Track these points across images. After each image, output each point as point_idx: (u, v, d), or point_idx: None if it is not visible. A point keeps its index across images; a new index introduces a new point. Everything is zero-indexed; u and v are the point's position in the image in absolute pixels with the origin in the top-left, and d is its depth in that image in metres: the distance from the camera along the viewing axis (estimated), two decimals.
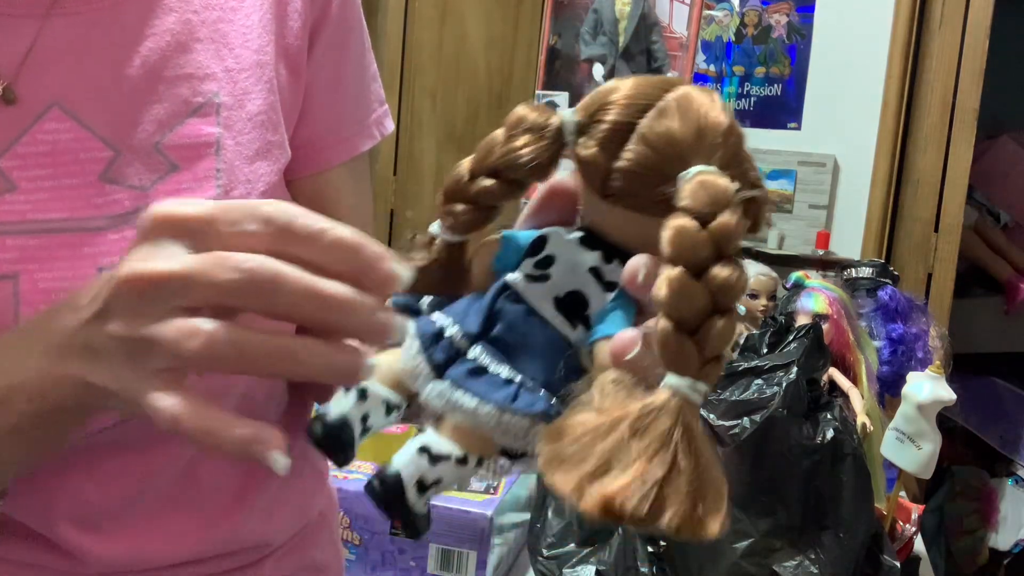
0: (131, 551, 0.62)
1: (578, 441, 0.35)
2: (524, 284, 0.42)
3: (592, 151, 0.40)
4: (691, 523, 0.34)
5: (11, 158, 0.56)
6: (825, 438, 1.06)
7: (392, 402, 0.43)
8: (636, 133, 0.39)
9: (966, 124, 1.89)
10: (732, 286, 0.36)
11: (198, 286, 0.38)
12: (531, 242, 0.43)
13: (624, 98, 0.40)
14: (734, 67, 2.17)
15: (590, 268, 0.42)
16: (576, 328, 0.41)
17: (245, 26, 0.64)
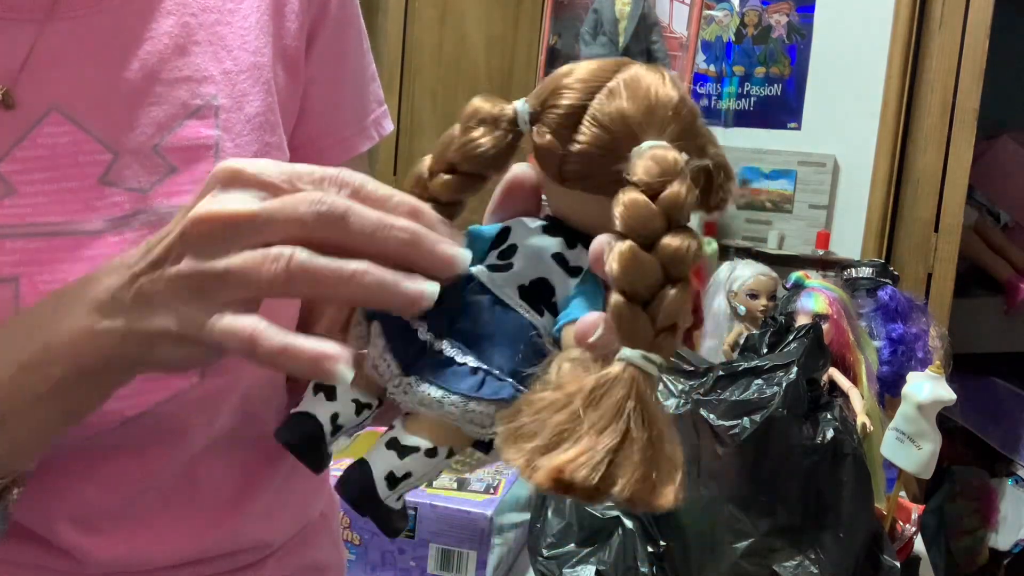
0: (131, 552, 0.62)
1: (533, 416, 0.36)
2: (488, 274, 0.42)
3: (547, 137, 0.41)
4: (643, 492, 0.34)
5: (11, 162, 0.56)
6: (825, 438, 1.06)
7: (361, 400, 0.43)
8: (587, 115, 0.40)
9: (966, 124, 1.89)
10: (683, 255, 0.36)
11: (278, 222, 0.40)
12: (495, 234, 0.43)
13: (576, 82, 0.41)
14: (734, 67, 2.17)
15: (553, 255, 0.42)
16: (543, 315, 0.42)
17: (243, 28, 0.64)
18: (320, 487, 0.78)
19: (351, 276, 0.40)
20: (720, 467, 1.04)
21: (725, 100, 2.18)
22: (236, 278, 0.40)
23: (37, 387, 0.47)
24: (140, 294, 0.43)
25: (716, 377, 1.08)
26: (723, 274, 1.56)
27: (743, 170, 2.13)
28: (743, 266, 1.57)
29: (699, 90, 2.18)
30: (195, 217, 0.42)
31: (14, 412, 0.48)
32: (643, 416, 0.35)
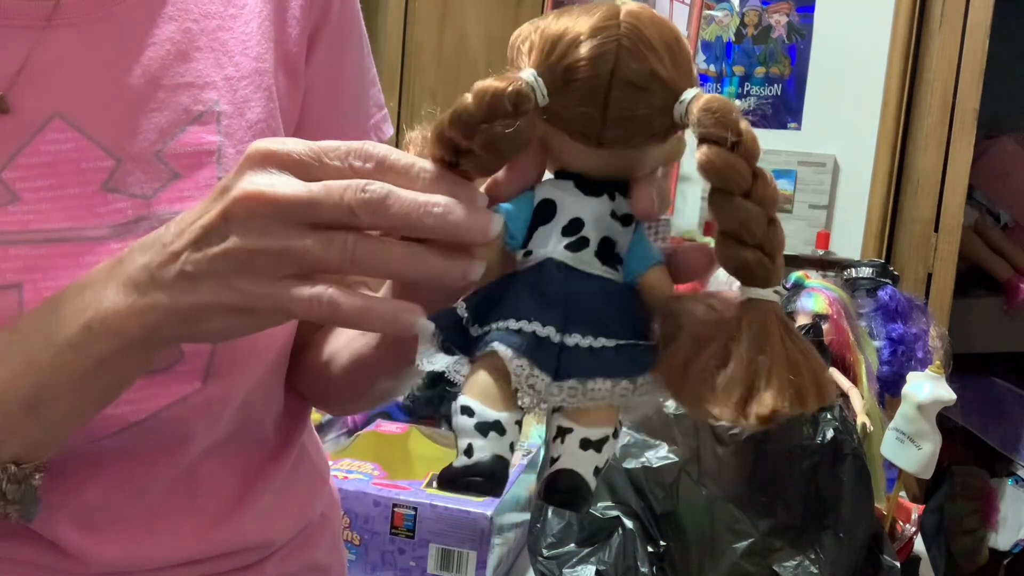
0: (132, 552, 0.63)
1: (705, 370, 0.40)
2: (570, 255, 0.43)
3: (580, 109, 0.41)
4: (823, 398, 0.39)
5: (13, 169, 0.56)
6: (825, 438, 1.06)
7: (519, 419, 0.43)
8: (617, 80, 0.40)
9: (966, 124, 1.89)
10: (775, 194, 0.40)
11: (324, 207, 0.42)
12: (535, 208, 0.44)
13: (588, 52, 0.41)
14: (734, 67, 2.17)
15: (609, 213, 0.43)
16: (617, 270, 0.43)
17: (244, 34, 0.64)
18: (320, 488, 0.78)
19: (410, 257, 0.42)
20: (720, 467, 1.04)
21: None
22: (296, 256, 0.42)
23: (81, 364, 0.48)
24: (184, 271, 0.44)
25: None
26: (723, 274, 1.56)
27: None
28: None
29: None
30: (240, 195, 0.43)
31: (54, 393, 0.49)
32: (793, 339, 0.40)
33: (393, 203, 0.42)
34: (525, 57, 0.42)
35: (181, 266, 0.44)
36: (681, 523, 1.05)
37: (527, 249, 0.43)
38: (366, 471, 1.12)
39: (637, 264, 0.43)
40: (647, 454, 1.07)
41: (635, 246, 0.43)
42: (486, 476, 0.42)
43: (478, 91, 0.41)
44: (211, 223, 0.43)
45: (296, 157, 0.43)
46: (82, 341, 0.47)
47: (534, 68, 0.41)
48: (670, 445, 1.07)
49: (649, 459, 1.07)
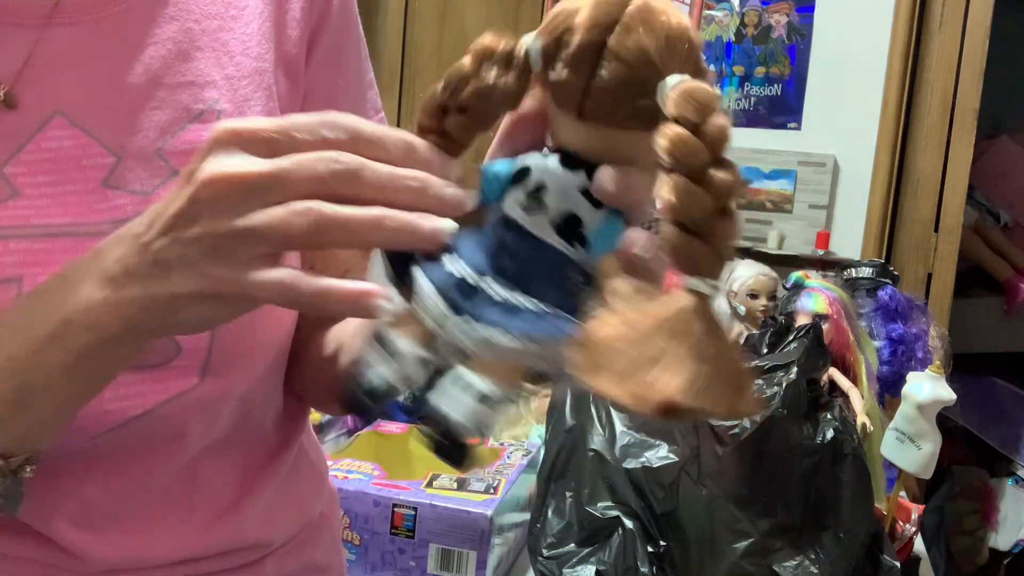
0: (130, 550, 0.63)
1: (611, 348, 0.38)
2: (525, 216, 0.43)
3: (565, 74, 0.41)
4: (736, 405, 0.38)
5: (15, 165, 0.57)
6: (825, 438, 1.06)
7: (425, 357, 0.44)
8: (608, 51, 0.40)
9: (966, 124, 1.89)
10: (732, 186, 0.38)
11: (293, 181, 0.41)
12: (514, 172, 0.44)
13: (587, 20, 0.41)
14: (734, 67, 2.17)
15: (580, 189, 0.43)
16: (575, 247, 0.43)
17: (245, 34, 0.64)
18: (319, 487, 0.78)
19: (377, 221, 0.41)
20: (720, 467, 1.04)
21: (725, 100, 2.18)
22: (260, 234, 0.41)
23: (62, 358, 0.47)
24: (156, 261, 0.44)
25: None
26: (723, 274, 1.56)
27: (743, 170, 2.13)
28: (743, 266, 1.57)
29: None
30: (206, 179, 0.42)
31: (39, 387, 0.48)
32: (716, 337, 0.38)
33: (367, 175, 0.42)
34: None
35: (154, 256, 0.44)
36: (681, 523, 1.05)
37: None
38: (366, 471, 1.12)
39: (598, 249, 0.42)
40: (647, 454, 1.07)
41: (603, 231, 0.43)
42: (372, 398, 0.43)
43: (475, 46, 0.42)
44: (180, 210, 0.43)
45: (263, 135, 0.42)
46: (62, 335, 0.47)
47: (539, 34, 0.42)
48: (670, 445, 1.07)
49: (649, 459, 1.07)
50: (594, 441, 1.10)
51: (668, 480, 1.05)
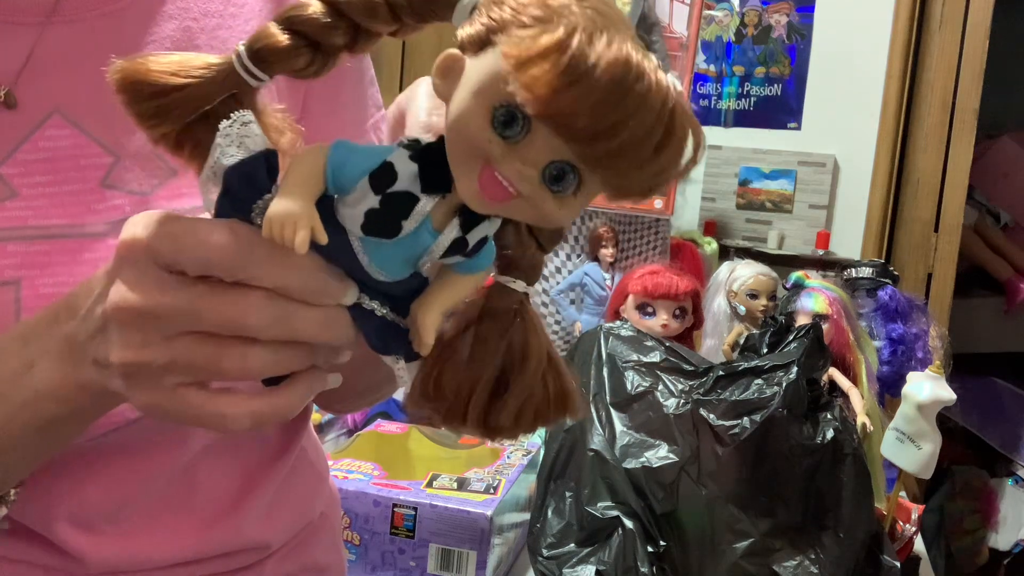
0: (130, 551, 0.63)
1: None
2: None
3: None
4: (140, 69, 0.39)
5: (12, 165, 0.56)
6: (825, 438, 1.06)
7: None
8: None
9: (966, 124, 1.89)
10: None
11: (204, 322, 0.40)
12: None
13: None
14: (734, 67, 2.17)
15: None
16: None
17: (244, 32, 0.64)
18: (319, 488, 0.78)
19: (306, 350, 0.42)
20: (720, 467, 1.04)
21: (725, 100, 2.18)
22: (185, 368, 0.41)
23: (35, 423, 0.48)
24: (96, 361, 0.44)
25: (716, 377, 1.08)
26: (723, 274, 1.56)
27: (743, 170, 2.13)
28: (743, 266, 1.57)
29: (699, 90, 2.18)
30: (112, 307, 0.41)
31: (12, 445, 0.49)
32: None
33: (286, 330, 0.41)
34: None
35: (92, 355, 0.44)
36: (681, 523, 1.05)
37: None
38: (366, 471, 1.12)
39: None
40: (647, 454, 1.07)
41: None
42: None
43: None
44: (100, 322, 0.43)
45: (175, 257, 0.40)
46: (31, 402, 0.47)
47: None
48: (670, 445, 1.07)
49: (649, 459, 1.07)
50: (594, 441, 1.10)
51: (668, 480, 1.05)
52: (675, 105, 0.33)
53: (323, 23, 0.38)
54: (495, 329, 0.41)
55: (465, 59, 0.36)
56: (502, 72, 0.33)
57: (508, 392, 0.41)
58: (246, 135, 0.39)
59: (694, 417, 1.06)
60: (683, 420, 1.07)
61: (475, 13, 0.36)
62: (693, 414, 1.06)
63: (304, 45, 0.38)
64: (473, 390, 0.41)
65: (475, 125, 0.35)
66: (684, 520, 1.05)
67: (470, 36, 0.36)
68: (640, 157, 0.33)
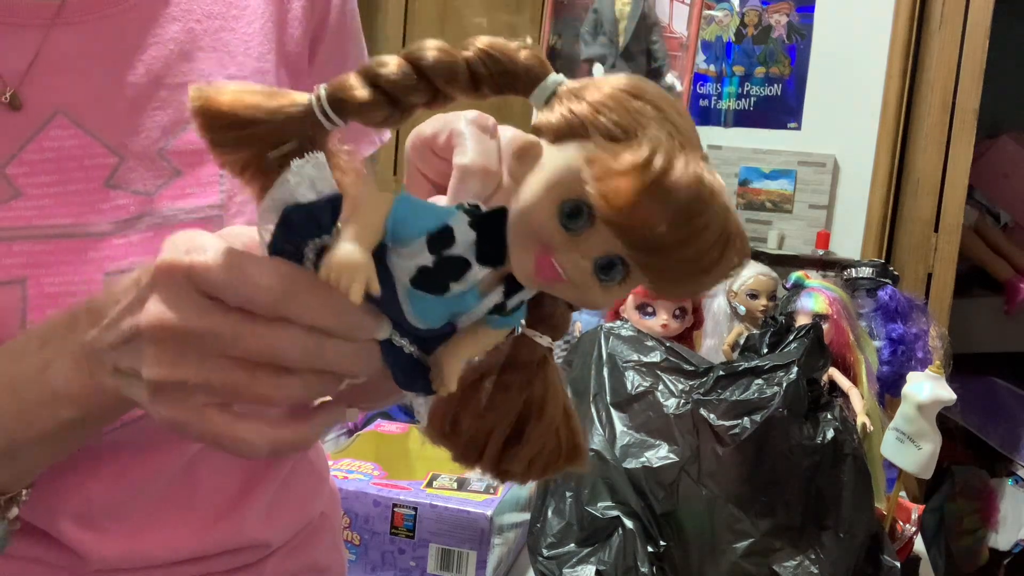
0: (132, 549, 0.63)
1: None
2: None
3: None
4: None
5: (17, 165, 0.57)
6: (825, 438, 1.06)
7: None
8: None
9: (966, 124, 1.89)
10: (417, 54, 0.38)
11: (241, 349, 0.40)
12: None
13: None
14: (734, 67, 2.17)
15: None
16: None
17: (246, 34, 0.65)
18: (319, 488, 0.78)
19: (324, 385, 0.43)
20: (720, 467, 1.04)
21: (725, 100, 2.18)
22: (217, 391, 0.41)
23: (51, 425, 0.48)
24: (116, 369, 0.44)
25: (716, 377, 1.08)
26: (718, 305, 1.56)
27: (743, 170, 2.13)
28: None
29: (699, 90, 2.18)
30: (147, 324, 0.41)
31: (29, 442, 0.49)
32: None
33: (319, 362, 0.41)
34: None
35: (113, 363, 0.44)
36: (681, 523, 1.05)
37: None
38: (366, 471, 1.12)
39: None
40: (647, 454, 1.07)
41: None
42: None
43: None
44: (128, 333, 0.42)
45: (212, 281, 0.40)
46: (49, 403, 0.47)
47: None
48: (670, 445, 1.07)
49: (649, 459, 1.07)
50: (594, 441, 1.10)
51: (668, 480, 1.05)
52: (735, 227, 0.35)
53: (405, 84, 0.38)
54: (517, 380, 0.43)
55: (542, 146, 0.37)
56: (580, 174, 0.35)
57: (523, 441, 0.43)
58: (317, 177, 0.40)
59: (694, 417, 1.06)
60: (683, 420, 1.07)
61: (554, 100, 0.38)
62: (693, 414, 1.06)
63: (384, 101, 0.39)
64: (490, 436, 0.43)
65: (543, 215, 0.36)
66: (684, 520, 1.05)
67: (549, 124, 0.37)
68: (693, 271, 0.36)
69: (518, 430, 0.43)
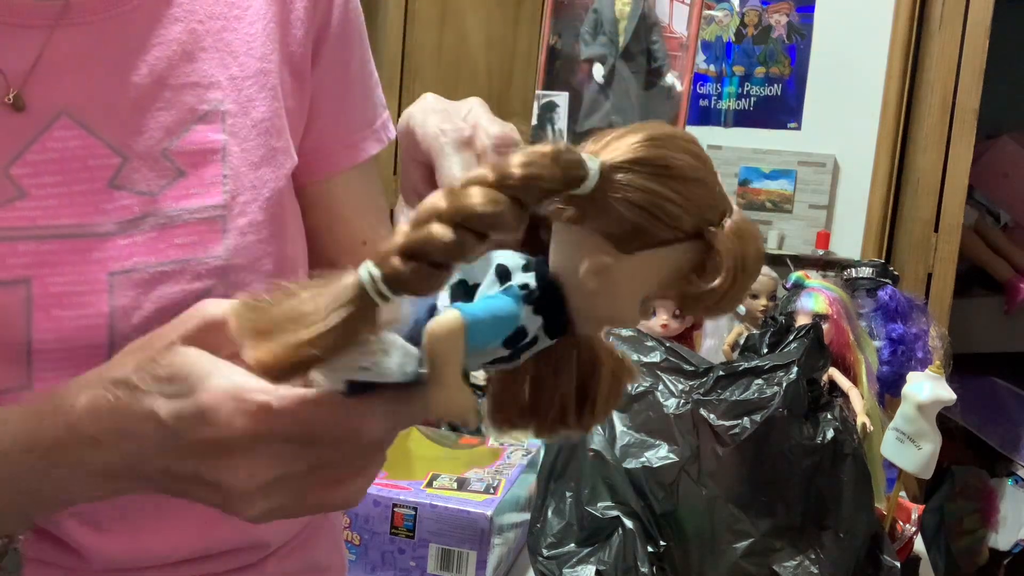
0: (134, 548, 0.63)
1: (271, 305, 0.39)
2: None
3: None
4: (275, 353, 0.38)
5: (21, 166, 0.57)
6: (825, 438, 1.06)
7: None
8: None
9: (966, 124, 1.89)
10: (466, 202, 0.36)
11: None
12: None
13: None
14: (734, 67, 2.17)
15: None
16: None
17: (248, 35, 0.65)
18: None
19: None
20: (720, 467, 1.04)
21: (725, 100, 2.18)
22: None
23: (88, 496, 0.50)
24: (170, 472, 0.46)
25: (716, 377, 1.08)
26: None
27: (743, 170, 2.13)
28: None
29: (699, 90, 2.18)
30: (248, 480, 0.42)
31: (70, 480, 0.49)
32: (337, 320, 0.37)
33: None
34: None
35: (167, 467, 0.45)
36: (681, 523, 1.05)
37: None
38: None
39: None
40: (647, 454, 1.07)
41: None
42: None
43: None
44: (215, 439, 0.42)
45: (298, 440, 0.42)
46: (88, 483, 0.49)
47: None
48: (670, 445, 1.07)
49: (649, 459, 1.07)
50: (594, 441, 1.10)
51: (668, 480, 1.05)
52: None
53: (457, 249, 0.37)
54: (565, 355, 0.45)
55: (613, 263, 0.40)
56: (682, 275, 0.40)
57: (591, 396, 0.45)
58: (382, 361, 0.40)
59: (694, 417, 1.06)
60: (683, 420, 1.07)
61: (615, 202, 0.38)
62: (693, 414, 1.06)
63: (439, 270, 0.38)
64: (564, 408, 0.45)
65: (632, 315, 0.41)
66: (684, 520, 1.05)
67: (622, 232, 0.39)
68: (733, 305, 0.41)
69: (582, 389, 0.45)
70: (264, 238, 0.64)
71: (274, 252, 0.65)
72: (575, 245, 0.40)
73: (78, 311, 0.58)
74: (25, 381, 0.58)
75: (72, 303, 0.57)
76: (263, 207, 0.64)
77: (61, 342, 0.57)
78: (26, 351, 0.57)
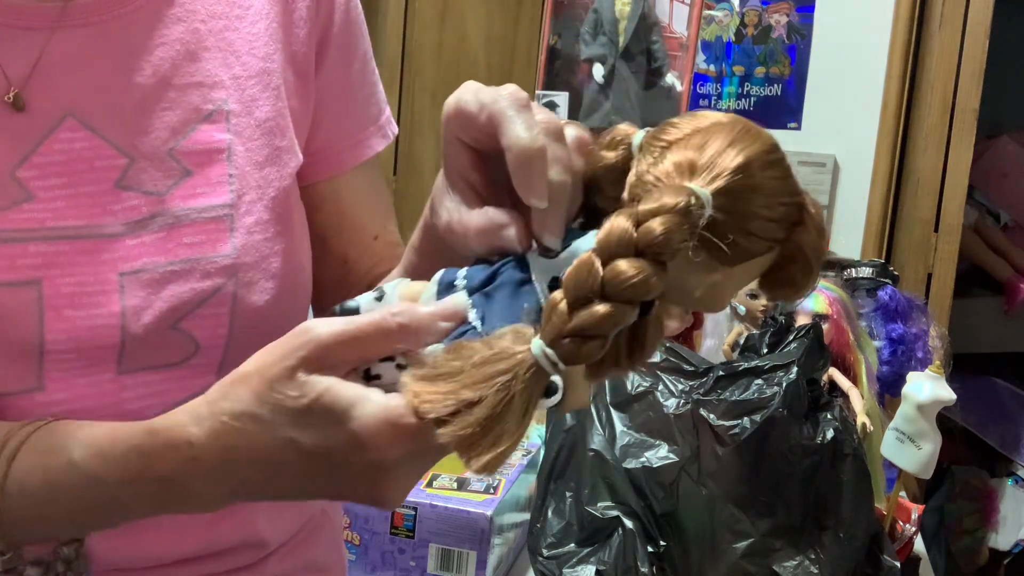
0: (135, 548, 0.63)
1: (443, 359, 0.41)
2: (534, 256, 0.46)
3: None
4: (463, 447, 0.39)
5: (28, 168, 0.57)
6: (825, 438, 1.06)
7: None
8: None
9: (966, 124, 1.89)
10: (624, 280, 0.38)
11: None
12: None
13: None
14: (734, 67, 2.17)
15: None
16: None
17: (251, 34, 0.65)
18: None
19: None
20: (720, 467, 1.04)
21: (725, 100, 2.18)
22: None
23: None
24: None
25: (716, 377, 1.08)
26: None
27: None
28: None
29: (699, 90, 2.18)
30: (389, 496, 0.46)
31: (166, 507, 0.52)
32: (508, 394, 0.39)
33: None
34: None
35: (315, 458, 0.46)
36: (681, 523, 1.05)
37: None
38: None
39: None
40: (647, 454, 1.07)
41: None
42: (341, 308, 0.49)
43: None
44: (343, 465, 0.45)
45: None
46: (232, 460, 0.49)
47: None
48: (670, 445, 1.07)
49: (649, 459, 1.07)
50: (594, 441, 1.10)
51: (668, 480, 1.05)
52: None
53: (617, 321, 0.40)
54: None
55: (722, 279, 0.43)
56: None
57: (640, 339, 0.43)
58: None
59: (694, 417, 1.06)
60: (683, 420, 1.07)
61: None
62: (693, 414, 1.06)
63: (611, 349, 0.41)
64: (618, 347, 0.43)
65: (724, 307, 0.44)
66: (684, 520, 1.05)
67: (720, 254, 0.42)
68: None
69: (633, 330, 0.43)
70: (271, 236, 0.64)
71: (281, 250, 0.65)
72: (682, 262, 0.42)
73: (90, 311, 0.58)
74: (35, 383, 0.58)
75: (84, 303, 0.58)
76: (268, 206, 0.64)
77: (73, 342, 0.58)
78: (38, 352, 0.57)
